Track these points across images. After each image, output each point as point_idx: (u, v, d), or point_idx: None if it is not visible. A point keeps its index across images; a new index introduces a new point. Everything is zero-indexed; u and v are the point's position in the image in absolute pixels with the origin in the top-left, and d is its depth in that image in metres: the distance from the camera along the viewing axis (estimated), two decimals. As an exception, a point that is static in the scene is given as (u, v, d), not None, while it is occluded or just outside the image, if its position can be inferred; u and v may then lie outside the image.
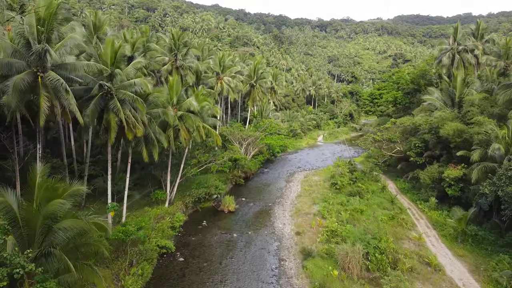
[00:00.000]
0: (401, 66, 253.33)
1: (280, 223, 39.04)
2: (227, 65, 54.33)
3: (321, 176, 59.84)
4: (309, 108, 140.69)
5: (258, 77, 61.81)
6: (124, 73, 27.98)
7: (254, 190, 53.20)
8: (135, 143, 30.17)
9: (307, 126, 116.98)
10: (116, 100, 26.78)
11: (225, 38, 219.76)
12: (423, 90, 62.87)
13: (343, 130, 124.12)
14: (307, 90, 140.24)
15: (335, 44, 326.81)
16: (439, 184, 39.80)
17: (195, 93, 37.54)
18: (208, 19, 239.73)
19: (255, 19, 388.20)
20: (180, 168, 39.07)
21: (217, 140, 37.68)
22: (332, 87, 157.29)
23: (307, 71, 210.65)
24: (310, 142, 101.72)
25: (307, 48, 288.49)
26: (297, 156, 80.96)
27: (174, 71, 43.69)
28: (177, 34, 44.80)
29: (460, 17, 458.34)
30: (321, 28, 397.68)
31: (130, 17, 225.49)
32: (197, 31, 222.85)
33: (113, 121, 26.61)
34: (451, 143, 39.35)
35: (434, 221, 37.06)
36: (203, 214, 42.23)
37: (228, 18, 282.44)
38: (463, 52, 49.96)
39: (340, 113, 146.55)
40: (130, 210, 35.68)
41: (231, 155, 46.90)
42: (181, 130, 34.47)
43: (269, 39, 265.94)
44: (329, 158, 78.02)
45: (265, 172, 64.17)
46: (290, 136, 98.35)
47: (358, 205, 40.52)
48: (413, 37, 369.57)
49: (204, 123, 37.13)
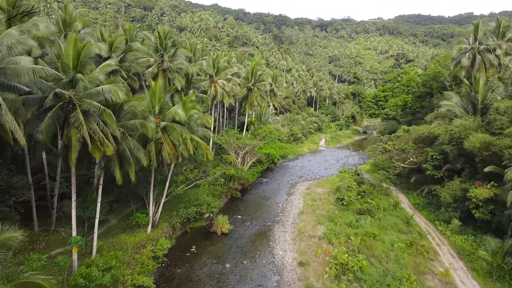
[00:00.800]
0: (403, 66, 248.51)
1: (280, 249, 33.94)
2: (221, 67, 49.12)
3: (325, 187, 54.76)
4: (310, 110, 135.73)
5: (256, 79, 56.67)
6: (91, 78, 22.88)
7: (251, 205, 48.11)
8: (106, 162, 25.05)
9: (308, 130, 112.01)
10: (79, 111, 21.72)
11: (224, 38, 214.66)
12: (435, 94, 57.82)
13: (345, 134, 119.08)
14: (308, 92, 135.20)
15: (335, 44, 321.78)
16: (463, 204, 34.70)
17: (182, 100, 32.44)
18: (207, 18, 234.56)
19: (254, 19, 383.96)
20: (165, 186, 33.97)
21: (207, 154, 32.59)
22: (334, 88, 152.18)
23: (307, 72, 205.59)
24: (312, 147, 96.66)
25: (308, 48, 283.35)
26: (298, 163, 75.86)
27: (160, 74, 38.56)
28: (163, 32, 39.57)
29: (461, 16, 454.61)
30: (321, 28, 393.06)
31: (127, 16, 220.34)
32: (195, 30, 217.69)
33: (75, 138, 21.55)
34: (476, 156, 34.26)
35: (459, 248, 31.97)
36: (193, 236, 37.14)
37: (227, 18, 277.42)
38: (485, 52, 44.96)
39: (342, 115, 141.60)
40: (106, 237, 30.60)
41: (224, 170, 41.73)
42: (165, 144, 29.38)
43: (268, 39, 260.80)
44: (332, 166, 72.98)
45: (264, 182, 59.09)
46: (290, 141, 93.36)
47: (369, 227, 35.43)
48: (415, 37, 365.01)
49: (193, 135, 32.03)
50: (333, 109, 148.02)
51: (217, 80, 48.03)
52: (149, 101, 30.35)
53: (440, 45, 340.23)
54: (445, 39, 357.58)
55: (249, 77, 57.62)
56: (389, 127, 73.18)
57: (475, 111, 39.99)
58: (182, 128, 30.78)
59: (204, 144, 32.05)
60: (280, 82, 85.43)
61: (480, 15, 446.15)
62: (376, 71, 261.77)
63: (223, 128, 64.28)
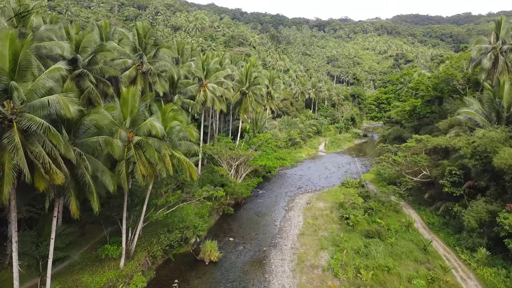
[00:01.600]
0: (403, 66, 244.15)
1: (278, 284, 28.88)
2: (212, 69, 43.84)
3: (326, 201, 49.79)
4: (308, 113, 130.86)
5: (251, 83, 51.45)
6: (35, 86, 17.77)
7: (245, 223, 43.02)
8: (57, 192, 19.94)
9: (306, 133, 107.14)
10: (15, 130, 16.66)
11: (220, 38, 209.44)
12: (446, 98, 52.97)
13: (345, 137, 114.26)
14: (307, 93, 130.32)
15: (333, 44, 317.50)
16: (490, 229, 29.80)
17: (162, 109, 27.31)
18: (202, 17, 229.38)
19: (251, 19, 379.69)
20: (142, 211, 28.83)
21: (191, 174, 27.49)
22: (333, 90, 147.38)
23: (306, 72, 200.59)
24: (311, 152, 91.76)
25: (305, 48, 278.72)
26: (296, 171, 70.86)
27: (139, 77, 33.29)
28: (143, 30, 34.19)
29: (459, 16, 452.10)
30: (319, 27, 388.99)
31: (120, 15, 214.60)
32: (190, 30, 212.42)
33: (8, 166, 16.45)
34: (506, 174, 29.35)
35: (489, 285, 27.01)
36: (177, 266, 32.03)
37: (223, 17, 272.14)
38: (509, 52, 40.07)
39: (342, 118, 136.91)
40: (67, 276, 25.40)
41: (212, 192, 36.44)
42: (138, 164, 24.25)
43: (266, 38, 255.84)
44: (333, 174, 68.09)
45: (260, 194, 54.03)
46: (288, 146, 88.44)
47: (381, 256, 30.45)
48: (413, 37, 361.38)
49: (175, 150, 26.91)
50: (332, 111, 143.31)
51: (207, 84, 42.79)
52: (120, 112, 25.20)
53: (439, 45, 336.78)
54: (444, 39, 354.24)
55: (243, 80, 52.45)
56: (393, 132, 68.30)
57: (499, 119, 35.10)
58: (160, 143, 25.67)
59: (187, 162, 26.94)
60: (277, 84, 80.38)
61: (478, 15, 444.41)
62: (375, 71, 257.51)
63: (216, 135, 59.17)
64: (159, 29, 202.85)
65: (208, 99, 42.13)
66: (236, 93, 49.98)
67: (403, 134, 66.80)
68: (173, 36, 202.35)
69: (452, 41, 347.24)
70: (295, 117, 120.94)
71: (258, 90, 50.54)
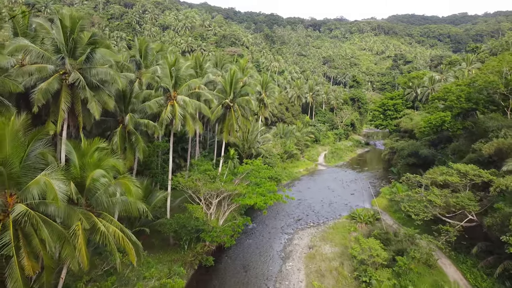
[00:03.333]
0: (402, 68, 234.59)
1: None
2: (183, 76, 32.55)
3: (334, 243, 39.07)
4: (305, 119, 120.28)
5: (236, 93, 40.03)
6: None
7: (228, 283, 32.10)
8: None
9: (304, 142, 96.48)
10: None
11: (211, 37, 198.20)
12: (481, 111, 42.54)
13: (346, 147, 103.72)
14: (303, 97, 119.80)
15: (329, 44, 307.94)
16: None
17: (79, 152, 16.35)
18: (192, 16, 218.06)
19: (245, 18, 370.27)
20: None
21: (129, 255, 16.73)
22: (331, 93, 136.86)
23: (301, 74, 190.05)
24: (310, 166, 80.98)
25: (301, 48, 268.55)
26: (294, 192, 59.88)
27: (64, 91, 22.37)
28: (72, 21, 22.97)
29: (455, 17, 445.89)
30: (314, 27, 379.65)
31: (104, 13, 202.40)
32: (179, 29, 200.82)
33: None
34: None
35: None
36: None
37: (215, 16, 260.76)
38: None
39: (341, 123, 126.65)
40: None
41: (167, 283, 24.90)
42: (20, 256, 13.28)
43: (259, 38, 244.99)
44: (338, 198, 57.38)
45: (249, 231, 43.12)
46: (284, 159, 77.77)
47: None
48: (411, 37, 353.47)
49: (100, 217, 16.00)
50: (331, 116, 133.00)
51: (176, 96, 31.78)
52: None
53: (437, 46, 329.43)
54: (441, 40, 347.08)
55: (227, 89, 40.37)
56: (408, 147, 57.79)
57: None
58: (70, 211, 14.69)
59: (121, 237, 15.98)
60: (271, 89, 69.57)
61: (474, 15, 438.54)
62: (373, 72, 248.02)
63: (198, 156, 48.17)
64: (146, 28, 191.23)
65: (177, 118, 31.06)
66: (218, 107, 38.78)
67: (420, 150, 56.39)
68: (161, 36, 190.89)
69: (450, 41, 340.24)
70: (291, 123, 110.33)
71: (246, 103, 39.32)
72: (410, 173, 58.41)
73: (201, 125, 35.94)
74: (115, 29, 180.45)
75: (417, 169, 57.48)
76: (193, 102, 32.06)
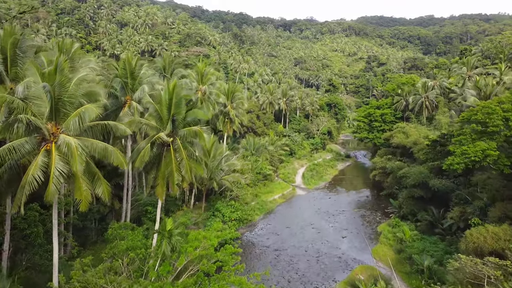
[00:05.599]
0: (376, 70, 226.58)
1: None
2: (72, 98, 17.80)
3: None
4: (279, 128, 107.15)
5: (178, 122, 24.61)
6: None
7: None
8: None
9: (278, 157, 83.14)
10: None
11: (174, 36, 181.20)
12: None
13: (326, 161, 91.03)
14: (276, 104, 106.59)
15: (300, 45, 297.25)
16: None
17: None
18: (154, 13, 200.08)
19: (213, 17, 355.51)
20: None
21: None
22: (306, 98, 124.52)
23: (273, 76, 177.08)
24: (286, 190, 67.32)
25: (271, 49, 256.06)
26: (268, 236, 46.11)
27: None
28: None
29: (423, 19, 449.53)
30: (284, 27, 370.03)
31: (54, 7, 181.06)
32: (138, 26, 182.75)
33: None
34: None
35: None
36: None
37: (179, 13, 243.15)
38: None
39: (317, 132, 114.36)
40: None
41: None
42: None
43: (228, 38, 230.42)
44: (327, 244, 43.84)
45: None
46: (256, 182, 63.84)
47: None
48: (382, 38, 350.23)
49: None
50: (306, 123, 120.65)
51: (59, 135, 17.02)
52: None
53: (407, 47, 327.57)
54: (411, 41, 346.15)
55: (163, 115, 24.98)
56: (414, 176, 45.26)
57: None
58: None
59: None
60: (239, 100, 55.50)
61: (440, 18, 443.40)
62: (346, 74, 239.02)
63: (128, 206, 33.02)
64: (101, 25, 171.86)
65: (52, 179, 16.30)
66: (147, 145, 23.69)
67: (430, 181, 44.00)
68: (117, 34, 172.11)
69: (420, 43, 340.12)
70: (263, 134, 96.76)
71: (194, 135, 24.38)
72: (417, 209, 46.23)
73: (107, 188, 20.76)
74: (64, 25, 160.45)
75: (426, 205, 45.13)
76: (92, 145, 17.59)
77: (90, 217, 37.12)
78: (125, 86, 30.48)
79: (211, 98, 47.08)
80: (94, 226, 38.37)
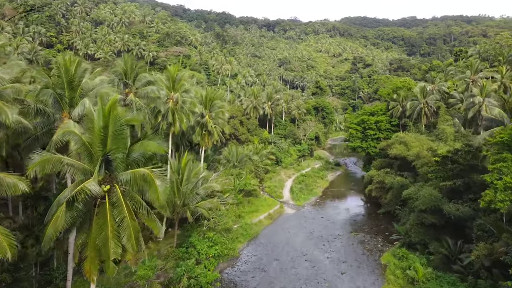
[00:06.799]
0: (362, 71, 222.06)
1: None
2: None
3: None
4: (264, 134, 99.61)
5: (121, 160, 16.04)
6: None
7: None
8: None
9: (263, 167, 75.90)
10: None
11: (153, 35, 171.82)
12: None
13: (315, 172, 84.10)
14: (261, 108, 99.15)
15: (284, 45, 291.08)
16: None
17: None
18: (131, 10, 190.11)
19: (195, 16, 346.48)
20: None
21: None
22: (293, 102, 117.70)
23: (257, 78, 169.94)
24: (272, 208, 59.80)
25: (255, 49, 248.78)
26: (253, 271, 38.66)
27: None
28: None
29: (405, 20, 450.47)
30: (268, 27, 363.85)
31: (23, 3, 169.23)
32: (114, 25, 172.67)
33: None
34: None
35: None
36: None
37: (159, 11, 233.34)
38: None
39: (304, 137, 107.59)
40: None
41: None
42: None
43: (210, 37, 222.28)
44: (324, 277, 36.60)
45: None
46: (239, 200, 56.34)
47: None
48: (366, 39, 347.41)
49: None
50: (292, 128, 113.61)
51: None
52: None
53: (391, 48, 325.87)
54: (395, 42, 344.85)
55: (94, 151, 16.08)
56: (424, 200, 38.63)
57: None
58: None
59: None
60: (219, 108, 48.05)
61: (423, 19, 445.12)
62: (331, 76, 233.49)
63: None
64: (74, 23, 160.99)
65: None
66: (63, 203, 15.55)
67: (445, 207, 37.34)
68: (91, 32, 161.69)
69: (404, 44, 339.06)
70: (247, 141, 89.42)
71: (144, 182, 16.03)
72: (428, 239, 39.58)
73: None
74: (33, 22, 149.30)
75: (439, 234, 38.45)
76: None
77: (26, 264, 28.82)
78: (60, 100, 22.59)
79: (185, 108, 39.30)
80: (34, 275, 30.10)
